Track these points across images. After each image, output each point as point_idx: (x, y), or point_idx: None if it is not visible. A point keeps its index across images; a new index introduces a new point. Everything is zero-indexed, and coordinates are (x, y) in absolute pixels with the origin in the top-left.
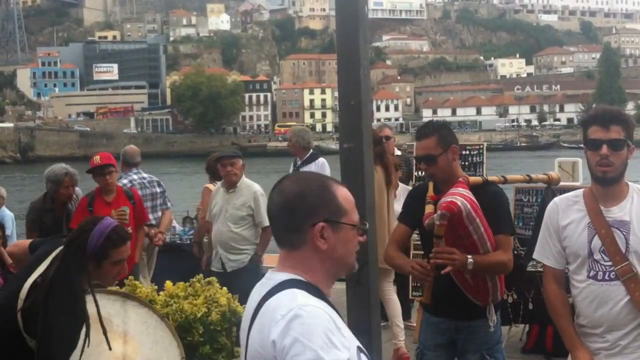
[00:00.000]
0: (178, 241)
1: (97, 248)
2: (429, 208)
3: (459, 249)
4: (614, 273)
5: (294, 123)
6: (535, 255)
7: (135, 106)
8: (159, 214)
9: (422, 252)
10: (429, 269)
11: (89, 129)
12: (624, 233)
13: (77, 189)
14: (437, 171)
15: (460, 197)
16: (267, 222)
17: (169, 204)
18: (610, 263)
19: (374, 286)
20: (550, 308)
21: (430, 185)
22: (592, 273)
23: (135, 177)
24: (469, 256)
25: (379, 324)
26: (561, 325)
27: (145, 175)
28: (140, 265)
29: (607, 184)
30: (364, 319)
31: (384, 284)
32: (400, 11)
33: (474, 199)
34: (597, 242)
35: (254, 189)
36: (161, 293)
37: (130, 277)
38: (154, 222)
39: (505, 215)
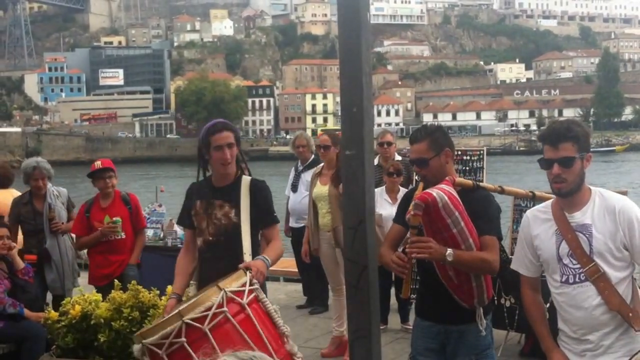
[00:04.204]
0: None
1: (203, 139)
2: (412, 205)
3: (438, 243)
4: (583, 275)
5: (334, 127)
6: (512, 266)
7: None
8: None
9: None
10: (407, 259)
11: (132, 135)
12: (587, 235)
13: (62, 189)
14: (429, 174)
15: (437, 189)
16: None
17: None
18: (578, 266)
19: (374, 290)
20: (527, 313)
21: (421, 185)
22: (564, 278)
23: None
24: (449, 249)
25: (379, 329)
26: (537, 329)
27: None
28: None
29: (563, 197)
30: (364, 324)
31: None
32: (401, 16)
33: (456, 195)
34: (564, 247)
35: None
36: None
37: (133, 282)
38: None
39: (492, 219)
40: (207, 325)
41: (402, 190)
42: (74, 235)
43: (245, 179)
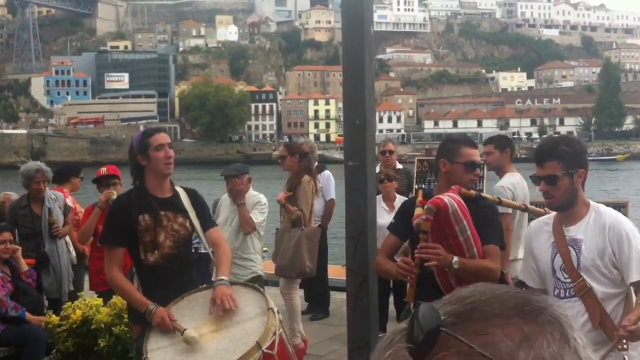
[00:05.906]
0: None
1: (139, 144)
2: (417, 210)
3: (444, 249)
4: (573, 290)
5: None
6: (519, 276)
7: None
8: None
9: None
10: (413, 264)
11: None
12: (576, 250)
13: (58, 193)
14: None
15: (448, 197)
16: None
17: None
18: (569, 280)
19: (374, 300)
20: None
21: (420, 192)
22: (556, 292)
23: None
24: (455, 256)
25: (378, 338)
26: None
27: None
28: None
29: (556, 211)
30: (364, 332)
31: (291, 288)
32: (404, 24)
33: (464, 204)
34: (558, 260)
35: (259, 199)
36: None
37: None
38: None
39: (495, 228)
40: (275, 349)
41: (399, 198)
42: (69, 240)
43: (180, 189)
